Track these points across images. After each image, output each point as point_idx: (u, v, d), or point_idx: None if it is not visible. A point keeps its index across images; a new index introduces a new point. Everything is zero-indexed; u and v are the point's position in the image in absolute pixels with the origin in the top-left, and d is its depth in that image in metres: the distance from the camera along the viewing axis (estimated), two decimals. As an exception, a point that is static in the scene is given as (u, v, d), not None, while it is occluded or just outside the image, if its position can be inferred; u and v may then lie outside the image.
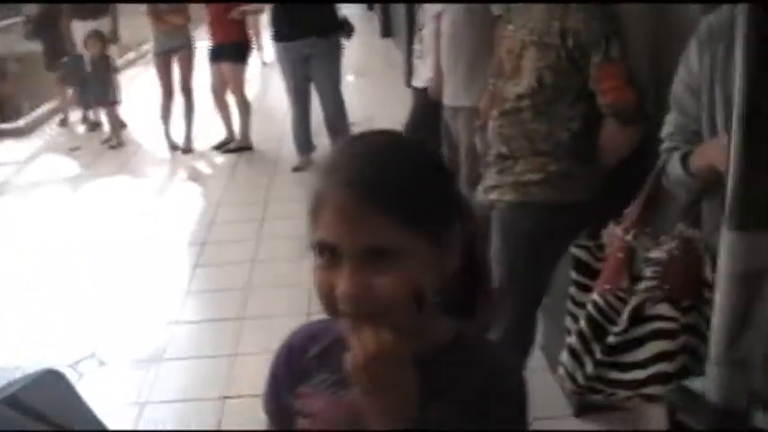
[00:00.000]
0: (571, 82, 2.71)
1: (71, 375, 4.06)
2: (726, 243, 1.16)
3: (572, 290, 2.31)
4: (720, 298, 1.36)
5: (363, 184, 1.10)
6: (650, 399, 2.06)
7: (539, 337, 3.50)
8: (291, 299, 4.47)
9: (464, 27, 4.53)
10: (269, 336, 1.44)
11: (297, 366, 1.34)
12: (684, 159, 2.01)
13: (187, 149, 8.53)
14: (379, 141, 1.20)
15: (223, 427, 3.59)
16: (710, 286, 1.93)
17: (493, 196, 2.99)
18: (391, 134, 1.23)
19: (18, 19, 10.95)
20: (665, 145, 2.14)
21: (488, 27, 3.97)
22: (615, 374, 2.07)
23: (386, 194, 1.09)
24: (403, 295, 1.11)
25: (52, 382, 2.82)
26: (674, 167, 2.05)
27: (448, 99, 4.75)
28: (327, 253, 1.12)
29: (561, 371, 2.19)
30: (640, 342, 2.01)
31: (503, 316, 3.07)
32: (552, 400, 3.45)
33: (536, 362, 3.45)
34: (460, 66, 4.54)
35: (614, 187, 2.64)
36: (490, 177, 3.02)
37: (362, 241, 1.09)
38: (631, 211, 2.19)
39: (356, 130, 7.70)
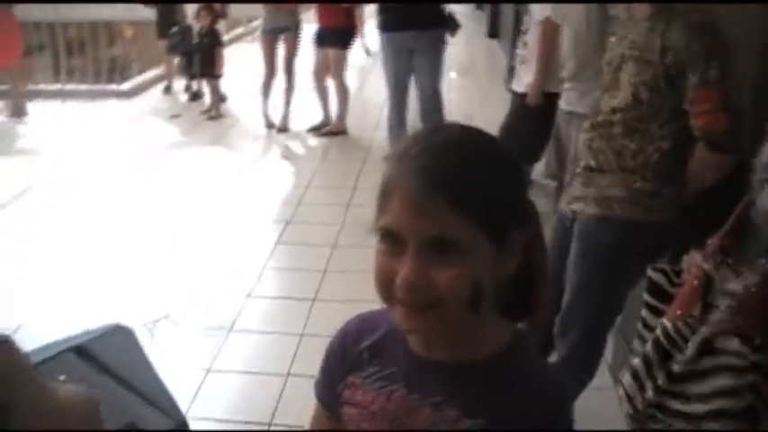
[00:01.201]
0: (666, 101, 2.65)
1: (144, 334, 4.20)
2: None
3: (644, 312, 2.27)
4: None
5: (434, 174, 1.09)
6: (709, 435, 2.02)
7: (608, 355, 3.45)
8: (365, 285, 4.47)
9: (589, 34, 4.48)
10: (339, 319, 1.45)
11: (350, 355, 1.35)
12: None
13: (283, 128, 8.65)
14: (456, 135, 1.19)
15: (282, 404, 3.65)
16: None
17: (576, 207, 2.95)
18: (469, 129, 1.22)
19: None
20: (758, 176, 2.08)
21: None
22: (675, 404, 2.02)
23: (455, 187, 1.09)
24: (460, 290, 1.11)
25: (120, 338, 2.90)
26: (765, 201, 1.99)
27: (565, 104, 4.68)
28: (391, 240, 1.13)
29: (621, 392, 2.16)
30: (705, 374, 1.96)
31: (574, 329, 3.04)
32: (614, 421, 3.40)
33: (603, 381, 3.40)
34: (586, 72, 4.45)
35: (701, 213, 2.58)
36: (575, 188, 2.99)
37: (427, 231, 1.09)
38: (714, 240, 2.14)
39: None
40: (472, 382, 1.20)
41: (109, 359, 2.81)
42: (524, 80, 5.46)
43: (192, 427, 3.42)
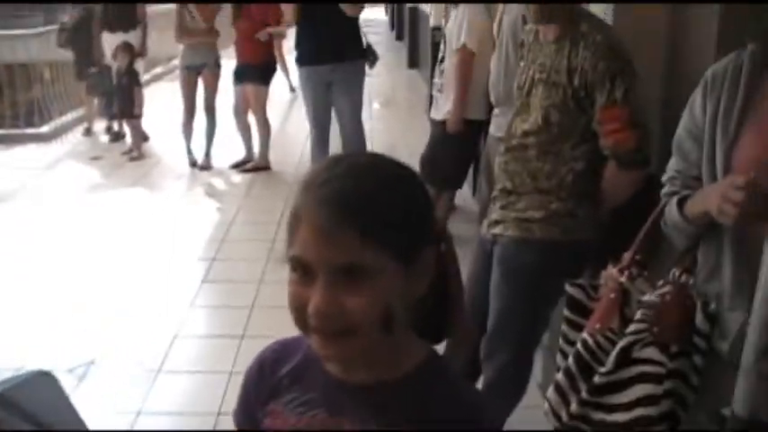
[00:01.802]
0: (576, 122, 2.72)
1: (70, 379, 4.11)
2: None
3: (564, 327, 2.31)
4: (757, 309, 1.36)
5: (339, 202, 1.10)
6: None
7: (537, 373, 3.48)
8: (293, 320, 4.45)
9: (513, 60, 4.53)
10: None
11: (268, 383, 1.35)
12: (681, 204, 2.00)
13: (206, 166, 8.59)
14: (360, 162, 1.21)
15: (214, 443, 3.60)
16: (701, 334, 1.93)
17: (496, 231, 2.99)
18: (376, 156, 1.24)
19: (53, 27, 11.10)
20: (665, 189, 2.13)
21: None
22: (599, 415, 2.05)
23: (361, 214, 1.10)
24: (373, 314, 1.12)
25: (44, 384, 2.83)
26: (672, 212, 2.04)
27: (495, 129, 4.69)
28: (302, 269, 1.14)
29: (546, 407, 2.19)
30: (626, 384, 1.99)
31: (500, 351, 3.07)
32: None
33: (533, 399, 3.43)
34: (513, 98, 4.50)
35: (617, 229, 2.64)
36: (494, 212, 3.03)
37: (336, 259, 1.10)
38: (628, 253, 2.19)
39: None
40: (391, 402, 1.21)
41: (32, 407, 2.74)
42: (443, 108, 5.53)
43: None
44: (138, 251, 6.18)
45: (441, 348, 1.33)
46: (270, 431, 1.32)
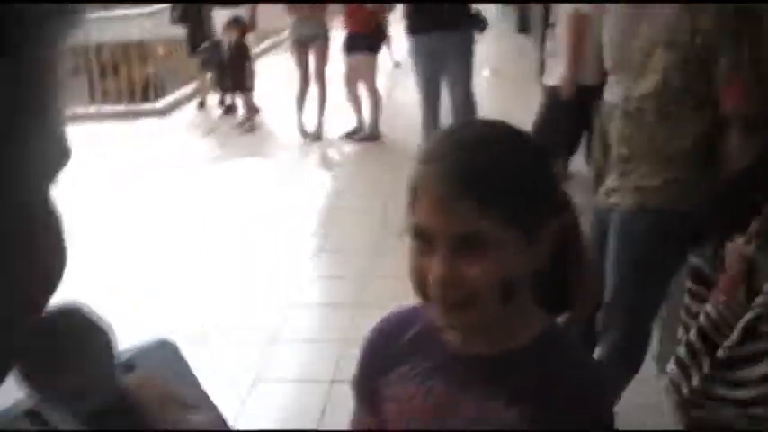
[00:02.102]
0: (697, 86, 2.62)
1: (191, 345, 4.22)
2: None
3: (687, 299, 2.24)
4: None
5: (460, 173, 1.11)
6: (756, 420, 1.98)
7: (654, 345, 3.40)
8: (406, 290, 4.47)
9: (627, 24, 4.40)
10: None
11: (387, 352, 1.35)
12: None
13: (317, 137, 8.67)
14: (482, 131, 1.21)
15: (329, 411, 3.65)
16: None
17: (613, 200, 2.92)
18: (495, 125, 1.24)
19: (166, 5, 11.36)
20: None
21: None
22: (722, 390, 1.99)
23: (482, 185, 1.10)
24: (492, 284, 1.13)
25: (165, 352, 2.94)
26: None
27: (609, 95, 4.56)
28: (422, 238, 1.15)
29: (667, 381, 2.13)
30: (751, 359, 1.93)
31: (616, 324, 3.01)
32: (659, 411, 3.35)
33: (649, 371, 3.36)
34: (628, 65, 4.37)
35: (737, 197, 2.54)
36: (610, 180, 2.96)
37: (456, 228, 1.11)
38: (755, 224, 2.10)
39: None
40: (507, 374, 1.21)
41: (156, 374, 2.85)
42: (556, 73, 5.42)
43: (241, 437, 3.46)
44: (252, 222, 6.29)
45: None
46: (389, 399, 1.33)
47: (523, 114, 6.33)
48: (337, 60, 8.70)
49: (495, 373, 1.22)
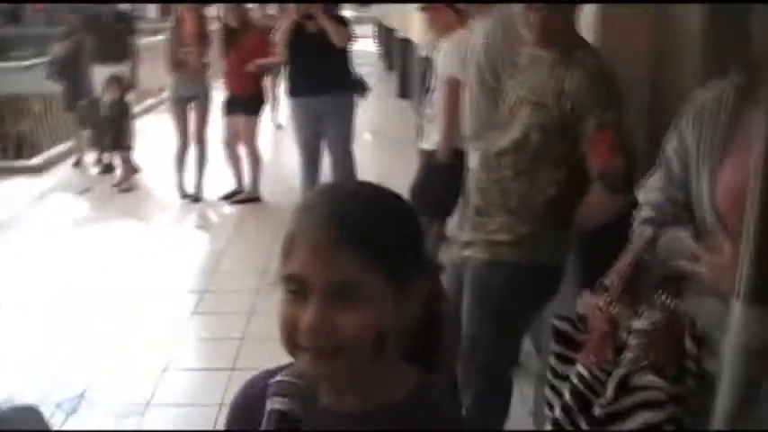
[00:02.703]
0: (556, 146, 2.71)
1: (59, 413, 4.07)
2: (738, 316, 1.13)
3: (552, 361, 2.28)
4: (728, 370, 1.33)
5: (339, 222, 1.12)
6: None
7: (530, 403, 3.45)
8: (285, 353, 4.42)
9: (488, 94, 4.51)
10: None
11: (257, 416, 1.32)
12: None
13: (197, 198, 8.56)
14: (356, 187, 1.24)
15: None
16: (692, 358, 1.91)
17: (467, 253, 2.98)
18: (368, 183, 1.26)
19: (43, 59, 11.10)
20: (642, 213, 2.11)
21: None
22: (601, 448, 2.03)
23: (359, 235, 1.12)
24: (365, 335, 1.13)
25: (28, 418, 2.82)
26: (682, 245, 1.98)
27: (473, 163, 4.65)
28: (295, 287, 1.14)
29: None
30: (626, 413, 1.97)
31: (474, 378, 3.04)
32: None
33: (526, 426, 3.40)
34: (488, 133, 4.49)
35: (595, 252, 2.63)
36: (465, 233, 3.02)
37: (332, 276, 1.11)
38: (614, 284, 2.15)
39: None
40: (384, 429, 1.21)
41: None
42: (432, 138, 5.53)
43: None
44: (128, 284, 6.14)
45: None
46: None
47: (403, 176, 6.43)
48: (217, 121, 8.64)
49: (368, 430, 1.22)
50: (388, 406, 1.23)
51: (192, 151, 8.59)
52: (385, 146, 10.90)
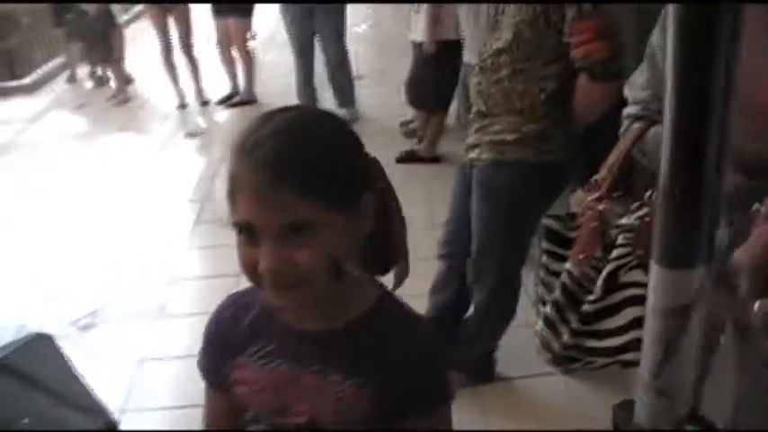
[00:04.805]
0: (547, 40, 2.67)
1: (72, 332, 4.14)
2: (655, 278, 1.12)
3: (545, 259, 2.30)
4: (647, 330, 1.33)
5: (272, 166, 1.14)
6: (628, 365, 2.06)
7: (532, 291, 3.48)
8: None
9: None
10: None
11: (228, 340, 1.40)
12: None
13: (204, 102, 8.53)
14: (287, 120, 1.22)
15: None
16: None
17: (472, 155, 2.98)
18: (299, 110, 1.29)
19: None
20: (629, 109, 2.07)
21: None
22: (592, 342, 2.07)
23: (294, 174, 1.13)
24: (321, 265, 1.18)
25: (41, 346, 2.88)
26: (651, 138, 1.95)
27: (468, 56, 4.62)
28: (247, 232, 1.17)
29: (537, 342, 2.19)
30: (616, 309, 2.01)
31: (485, 275, 3.08)
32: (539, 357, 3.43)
33: (528, 316, 3.43)
34: (482, 23, 4.43)
35: (593, 147, 2.60)
36: (471, 136, 3.01)
37: (278, 220, 1.14)
38: (603, 180, 2.14)
39: (361, 83, 7.69)
40: (347, 345, 1.28)
41: (32, 370, 2.79)
42: (420, 28, 5.47)
43: (131, 418, 3.42)
44: (129, 196, 6.16)
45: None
46: (237, 382, 1.38)
47: (399, 69, 6.38)
48: (209, 24, 8.47)
49: (332, 348, 1.28)
50: (350, 323, 1.29)
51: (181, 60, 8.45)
52: (379, 38, 10.72)
